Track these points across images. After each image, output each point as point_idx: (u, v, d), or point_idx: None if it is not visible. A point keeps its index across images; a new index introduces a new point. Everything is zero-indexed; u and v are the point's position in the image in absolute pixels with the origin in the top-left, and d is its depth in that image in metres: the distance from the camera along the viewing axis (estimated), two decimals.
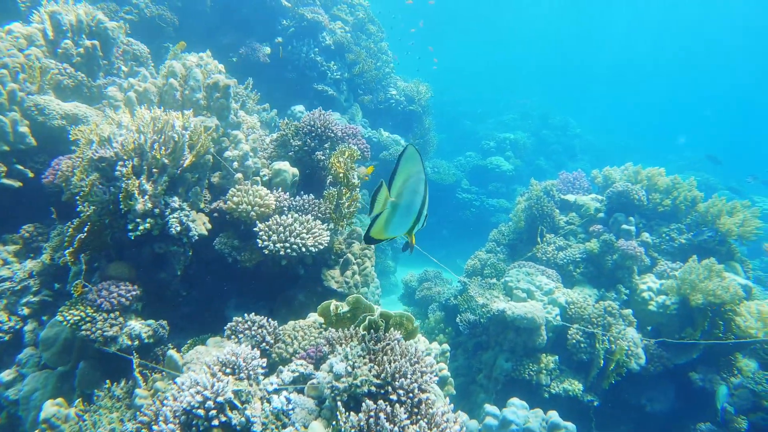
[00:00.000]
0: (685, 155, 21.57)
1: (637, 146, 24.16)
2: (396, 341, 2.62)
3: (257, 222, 3.49)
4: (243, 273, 3.85)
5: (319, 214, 3.83)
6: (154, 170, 3.08)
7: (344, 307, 3.07)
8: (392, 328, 2.85)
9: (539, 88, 31.97)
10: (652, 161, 20.85)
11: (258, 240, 3.43)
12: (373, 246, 4.36)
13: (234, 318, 3.05)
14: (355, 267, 4.14)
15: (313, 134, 3.95)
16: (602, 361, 4.68)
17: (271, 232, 3.46)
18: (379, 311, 2.89)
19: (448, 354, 3.85)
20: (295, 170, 3.94)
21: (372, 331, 2.71)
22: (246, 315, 3.05)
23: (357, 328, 2.80)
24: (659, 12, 43.33)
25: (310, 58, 8.26)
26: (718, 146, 28.03)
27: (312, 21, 8.26)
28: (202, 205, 3.61)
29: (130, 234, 2.95)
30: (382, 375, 2.41)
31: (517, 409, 3.72)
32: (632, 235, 5.46)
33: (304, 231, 3.56)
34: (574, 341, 4.71)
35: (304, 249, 3.49)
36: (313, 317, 3.32)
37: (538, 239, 5.98)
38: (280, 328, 3.16)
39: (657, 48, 46.62)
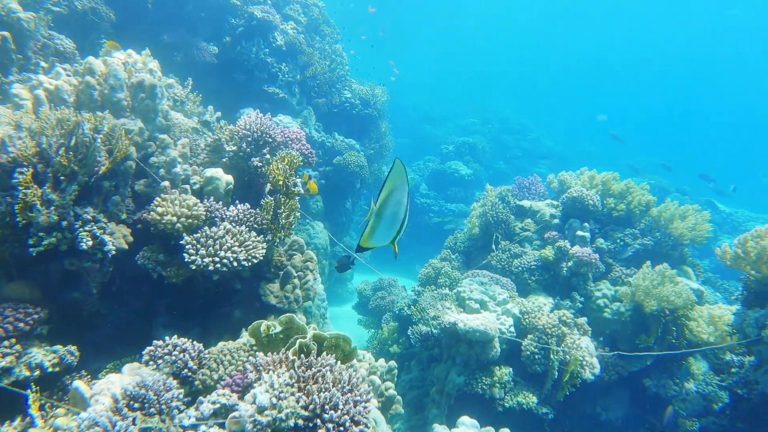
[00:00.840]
0: (640, 159, 21.96)
1: (595, 151, 24.58)
2: (328, 367, 2.37)
3: (184, 234, 3.19)
4: (173, 289, 3.53)
5: (255, 225, 3.55)
6: (62, 178, 2.76)
7: (276, 327, 2.81)
8: (326, 352, 2.60)
9: (500, 92, 32.29)
10: (608, 166, 21.17)
11: (185, 254, 3.13)
12: (315, 258, 4.10)
13: (154, 341, 2.74)
14: (296, 281, 3.87)
15: (250, 139, 3.67)
16: (557, 373, 4.53)
17: (199, 246, 3.17)
18: (312, 333, 2.64)
19: (395, 372, 3.62)
20: (229, 178, 3.65)
21: (303, 355, 2.46)
22: (167, 338, 2.75)
23: (287, 352, 2.54)
24: (617, 19, 44.32)
25: (261, 59, 7.94)
26: (668, 149, 28.79)
27: (262, 20, 7.94)
28: (123, 216, 3.29)
29: (31, 249, 2.62)
30: (311, 406, 2.16)
31: (467, 428, 3.52)
32: (587, 241, 5.36)
33: (237, 244, 3.28)
34: (528, 353, 4.55)
35: (236, 264, 3.21)
36: (245, 337, 3.05)
37: (493, 246, 5.83)
38: (207, 351, 2.88)
39: (615, 55, 47.62)
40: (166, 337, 2.75)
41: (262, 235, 3.53)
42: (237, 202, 3.61)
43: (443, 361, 4.80)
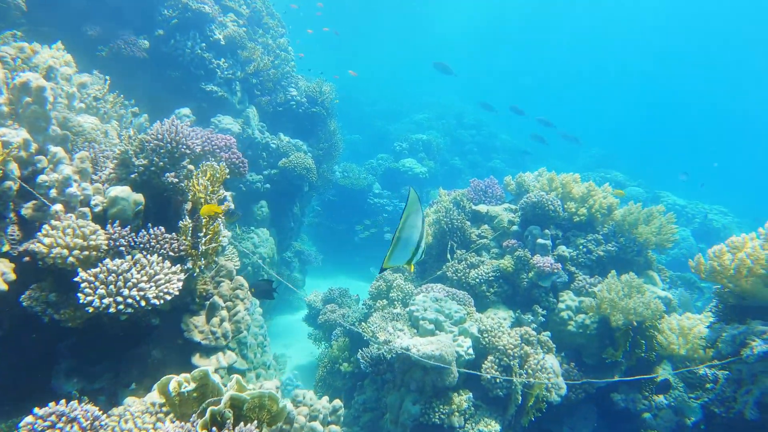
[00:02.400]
0: (593, 153, 22.13)
1: (550, 143, 24.54)
2: None
3: (79, 270, 2.64)
4: (77, 328, 2.98)
5: (172, 253, 3.02)
6: None
7: (189, 384, 2.31)
8: (245, 422, 2.12)
9: (454, 86, 32.09)
10: (564, 159, 21.23)
11: (79, 294, 2.58)
12: (245, 285, 3.60)
13: (34, 411, 2.20)
14: (225, 312, 3.37)
15: (163, 151, 3.12)
16: (520, 397, 4.17)
17: (98, 283, 2.63)
18: (229, 396, 2.14)
19: (341, 412, 3.17)
20: (139, 197, 3.09)
21: (216, 429, 1.98)
22: (51, 404, 2.21)
23: (197, 422, 2.05)
24: (573, 15, 44.92)
25: (197, 54, 7.31)
26: (622, 143, 29.27)
27: (197, 12, 7.30)
28: (5, 248, 2.72)
29: None
30: None
31: None
32: (548, 249, 5.02)
33: (146, 278, 2.75)
34: (489, 376, 4.17)
35: (144, 303, 2.68)
36: (155, 394, 2.53)
37: (448, 256, 5.43)
38: (105, 415, 2.35)
39: (568, 49, 48.33)
40: (51, 404, 2.22)
41: (179, 265, 3.00)
42: (150, 226, 3.06)
43: (397, 387, 4.37)
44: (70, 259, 2.63)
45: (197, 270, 3.12)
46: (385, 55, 42.33)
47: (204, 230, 3.16)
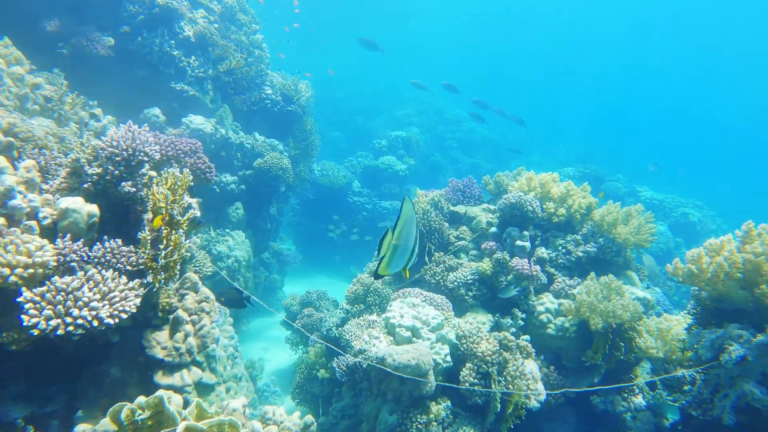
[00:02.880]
0: (573, 147, 22.20)
1: (530, 138, 24.67)
2: None
3: (23, 290, 2.46)
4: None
5: (130, 267, 2.85)
6: None
7: (143, 412, 2.15)
8: None
9: (433, 82, 31.93)
10: (545, 154, 21.25)
11: (23, 316, 2.40)
12: (211, 297, 3.43)
13: None
14: (190, 326, 3.20)
15: (119, 158, 2.93)
16: (499, 405, 4.06)
17: (44, 303, 2.45)
18: (185, 426, 1.99)
19: (313, 427, 3.03)
20: (93, 208, 2.90)
21: None
22: None
23: None
24: (551, 12, 45.16)
25: (165, 51, 7.08)
26: (602, 138, 29.48)
27: (165, 7, 7.06)
28: None
29: None
30: None
31: None
32: (527, 251, 4.91)
33: (99, 297, 2.57)
34: (467, 384, 4.05)
35: (96, 323, 2.50)
36: (107, 423, 2.36)
37: (426, 259, 5.31)
38: None
39: (548, 44, 48.52)
40: None
41: (138, 279, 2.83)
42: (106, 239, 2.88)
43: (373, 397, 4.24)
44: (12, 278, 2.44)
45: (157, 284, 2.94)
46: (362, 50, 41.98)
47: (165, 241, 2.99)
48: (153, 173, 3.39)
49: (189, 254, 3.97)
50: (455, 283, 4.94)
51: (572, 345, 4.63)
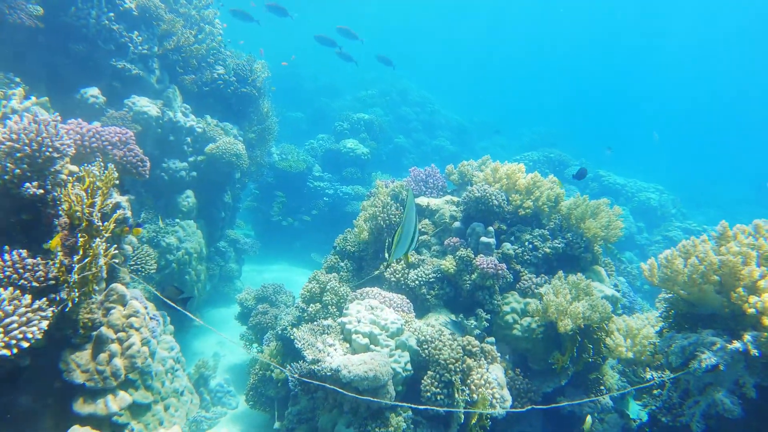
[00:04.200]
0: (537, 129, 22.15)
1: (494, 122, 24.58)
2: None
3: None
4: None
5: (36, 283, 2.45)
6: None
7: None
8: None
9: (398, 61, 31.49)
10: (509, 137, 21.14)
11: None
12: (141, 311, 3.05)
13: None
14: (116, 345, 2.82)
15: (19, 154, 2.50)
16: (463, 416, 3.82)
17: None
18: None
19: None
20: None
21: None
22: None
23: None
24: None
25: (104, 25, 6.46)
26: (565, 121, 29.62)
27: None
28: None
29: None
30: None
31: None
32: (492, 248, 4.66)
33: None
34: (429, 394, 3.79)
35: None
36: None
37: (386, 254, 4.99)
38: None
39: (511, 25, 48.49)
40: None
41: (46, 298, 2.43)
42: (7, 249, 2.47)
43: (329, 408, 3.94)
44: None
45: (71, 303, 2.55)
46: (326, 27, 41.12)
47: (81, 251, 2.59)
48: (73, 168, 2.98)
49: (122, 258, 3.56)
50: (417, 282, 4.66)
51: (539, 346, 4.41)
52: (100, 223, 2.66)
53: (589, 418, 4.33)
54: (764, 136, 36.72)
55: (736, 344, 2.85)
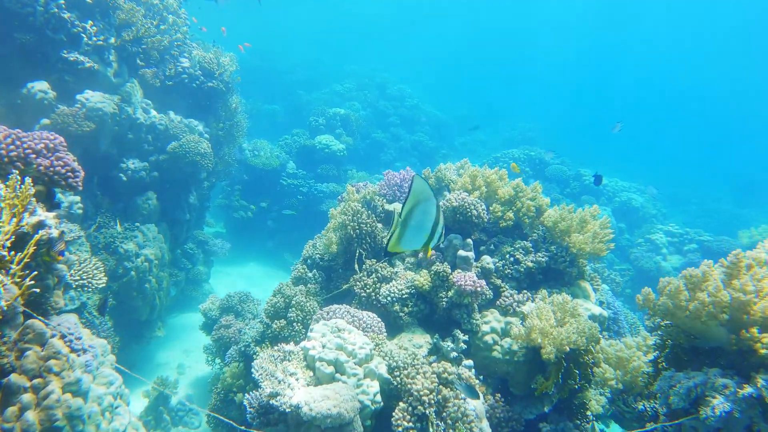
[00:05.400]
0: (517, 125, 21.91)
1: (474, 116, 24.30)
2: None
3: None
4: None
5: None
6: None
7: None
8: None
9: (377, 55, 31.15)
10: (490, 132, 20.88)
11: None
12: (64, 351, 2.62)
13: None
14: (29, 396, 2.39)
15: None
16: None
17: None
18: None
19: None
20: None
21: None
22: None
23: None
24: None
25: (53, 13, 5.94)
26: (545, 118, 29.50)
27: None
28: None
29: None
30: None
31: None
32: (471, 262, 4.30)
33: None
34: (400, 429, 3.43)
35: None
36: None
37: (357, 267, 4.62)
38: None
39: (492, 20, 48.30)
40: None
41: None
42: None
43: None
44: None
45: None
46: (306, 21, 40.52)
47: None
48: None
49: (55, 279, 3.13)
50: (389, 298, 4.28)
51: (521, 370, 4.07)
52: (6, 252, 2.23)
53: None
54: (741, 132, 37.11)
55: (749, 389, 2.53)
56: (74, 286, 4.28)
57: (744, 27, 40.91)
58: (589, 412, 4.33)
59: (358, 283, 4.50)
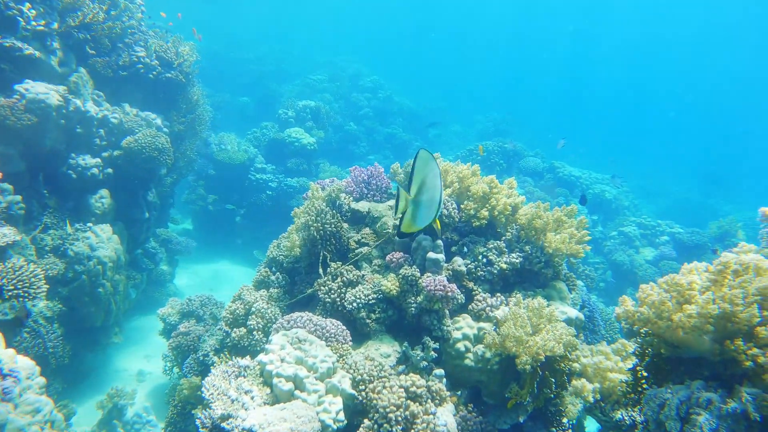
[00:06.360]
0: (492, 116, 21.75)
1: (448, 107, 24.10)
2: None
3: None
4: None
5: None
6: None
7: None
8: None
9: (348, 46, 30.72)
10: (463, 123, 20.71)
11: None
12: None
13: None
14: None
15: None
16: None
17: None
18: None
19: None
20: None
21: None
22: None
23: None
24: None
25: None
26: (519, 109, 29.48)
27: None
28: None
29: None
30: None
31: None
32: (441, 265, 4.04)
33: None
34: None
35: None
36: None
37: (321, 271, 4.33)
38: None
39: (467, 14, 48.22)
40: None
41: None
42: None
43: None
44: None
45: None
46: (277, 8, 39.84)
47: None
48: None
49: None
50: (355, 304, 4.00)
51: (494, 378, 3.84)
52: None
53: None
54: (708, 125, 37.66)
55: (732, 404, 2.32)
56: (7, 297, 3.90)
57: (712, 22, 41.46)
58: (565, 420, 4.13)
59: (322, 287, 4.21)
